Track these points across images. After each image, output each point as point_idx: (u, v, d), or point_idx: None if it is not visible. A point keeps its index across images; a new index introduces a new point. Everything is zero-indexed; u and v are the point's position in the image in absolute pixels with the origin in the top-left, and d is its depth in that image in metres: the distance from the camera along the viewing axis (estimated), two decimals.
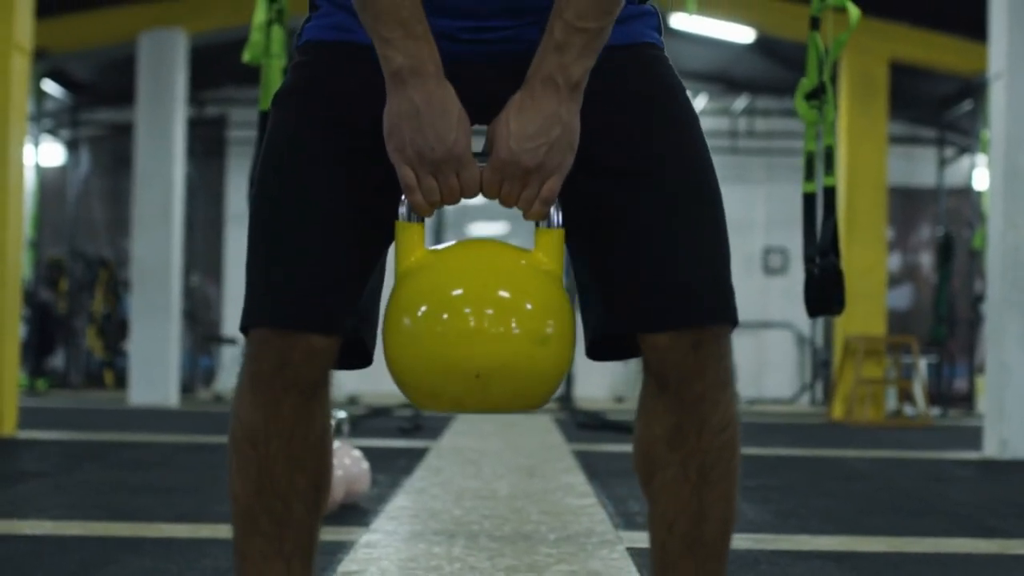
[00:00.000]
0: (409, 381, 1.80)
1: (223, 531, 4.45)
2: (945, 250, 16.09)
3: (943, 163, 18.11)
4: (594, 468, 7.11)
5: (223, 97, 17.79)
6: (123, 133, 16.95)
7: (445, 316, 1.75)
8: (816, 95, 4.43)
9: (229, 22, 13.63)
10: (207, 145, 17.80)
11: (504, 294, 1.78)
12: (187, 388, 16.07)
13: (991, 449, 8.74)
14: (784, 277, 18.38)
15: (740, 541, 4.36)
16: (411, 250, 1.84)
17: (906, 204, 18.42)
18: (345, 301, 1.92)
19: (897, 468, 7.81)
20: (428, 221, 1.91)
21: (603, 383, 17.63)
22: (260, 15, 3.93)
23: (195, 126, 16.25)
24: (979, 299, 15.11)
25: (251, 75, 16.61)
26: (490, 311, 1.75)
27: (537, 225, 1.86)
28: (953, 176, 18.10)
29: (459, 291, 1.77)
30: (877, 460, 8.39)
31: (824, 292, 4.48)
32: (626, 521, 4.91)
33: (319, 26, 1.99)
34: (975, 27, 11.09)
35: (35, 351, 16.53)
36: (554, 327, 1.78)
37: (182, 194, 14.15)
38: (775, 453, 8.70)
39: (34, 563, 3.74)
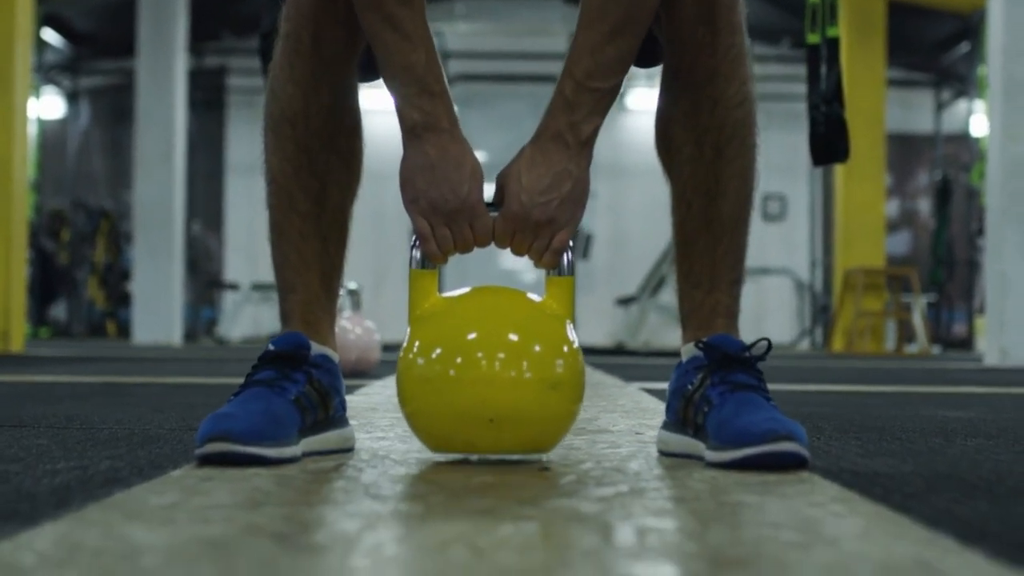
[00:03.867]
0: (422, 425, 1.83)
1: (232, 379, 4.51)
2: (943, 193, 16.16)
3: (940, 107, 18.15)
4: (601, 365, 7.19)
5: (223, 48, 17.79)
6: (123, 85, 16.97)
7: (458, 361, 1.78)
8: None
9: None
10: (207, 96, 17.81)
11: (516, 340, 1.80)
12: (190, 337, 16.12)
13: (992, 358, 8.81)
14: (782, 224, 18.41)
15: None
16: (424, 297, 1.89)
17: (904, 151, 18.45)
18: None
19: (900, 371, 7.88)
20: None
21: (603, 329, 17.69)
22: None
23: (195, 77, 16.25)
24: (979, 232, 15.16)
25: (250, 25, 16.63)
26: (502, 356, 1.78)
27: (548, 273, 1.91)
28: (950, 122, 18.15)
29: (472, 336, 1.80)
30: (879, 368, 8.46)
31: (829, 140, 4.48)
32: (635, 380, 4.98)
33: None
34: None
35: (38, 299, 16.57)
36: (565, 371, 1.81)
37: (184, 137, 14.18)
38: (773, 365, 8.76)
39: (56, 394, 3.80)
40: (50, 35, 16.42)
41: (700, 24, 1.95)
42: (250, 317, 17.31)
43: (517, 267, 18.59)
